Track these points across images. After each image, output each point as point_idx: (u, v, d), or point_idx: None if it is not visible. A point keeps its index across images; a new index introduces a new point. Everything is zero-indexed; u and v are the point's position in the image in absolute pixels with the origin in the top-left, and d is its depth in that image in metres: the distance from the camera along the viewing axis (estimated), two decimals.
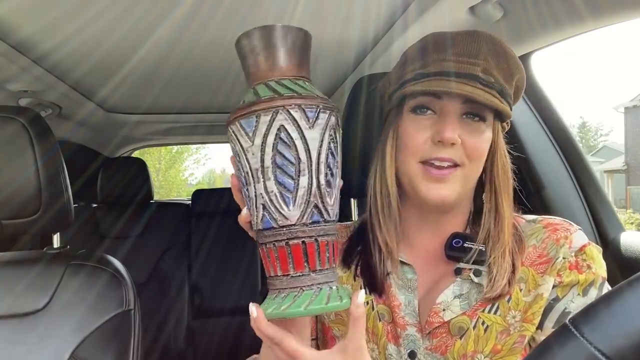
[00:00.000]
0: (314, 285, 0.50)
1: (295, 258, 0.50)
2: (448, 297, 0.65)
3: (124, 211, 2.23)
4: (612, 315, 0.34)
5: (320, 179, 0.50)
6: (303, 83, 0.52)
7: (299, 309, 0.48)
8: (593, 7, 0.82)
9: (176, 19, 1.05)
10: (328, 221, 0.51)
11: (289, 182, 0.49)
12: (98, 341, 0.89)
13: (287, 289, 0.50)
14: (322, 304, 0.48)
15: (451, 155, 0.63)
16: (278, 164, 0.49)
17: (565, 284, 0.63)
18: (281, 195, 0.49)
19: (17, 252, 1.01)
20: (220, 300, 2.25)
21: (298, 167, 0.49)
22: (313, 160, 0.49)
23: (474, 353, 0.63)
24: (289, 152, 0.49)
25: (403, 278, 0.69)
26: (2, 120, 0.90)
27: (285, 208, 0.50)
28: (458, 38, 0.65)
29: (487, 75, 0.63)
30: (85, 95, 1.70)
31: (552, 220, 0.68)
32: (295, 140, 0.49)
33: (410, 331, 0.66)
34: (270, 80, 0.51)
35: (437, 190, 0.64)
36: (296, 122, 0.49)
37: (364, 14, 1.09)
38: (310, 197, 0.49)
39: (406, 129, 0.66)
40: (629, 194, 15.25)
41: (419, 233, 0.72)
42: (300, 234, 0.50)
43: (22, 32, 1.09)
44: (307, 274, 0.50)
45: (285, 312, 0.48)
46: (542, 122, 1.19)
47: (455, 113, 0.64)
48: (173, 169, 17.47)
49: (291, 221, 0.50)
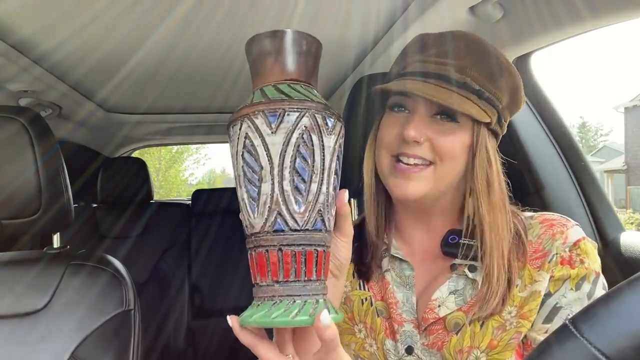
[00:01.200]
0: (275, 297, 0.48)
1: (259, 267, 0.49)
2: (443, 293, 0.66)
3: (124, 211, 2.23)
4: (612, 315, 0.34)
5: (284, 185, 0.47)
6: (298, 87, 0.51)
7: (266, 319, 0.46)
8: (593, 7, 0.82)
9: (176, 19, 1.05)
10: (295, 230, 0.48)
11: (253, 189, 0.48)
12: (98, 341, 0.89)
13: (262, 297, 0.49)
14: (287, 317, 0.46)
15: (417, 152, 0.63)
16: (245, 171, 0.49)
17: (557, 278, 0.62)
18: (249, 203, 0.49)
19: (17, 252, 1.01)
20: (220, 300, 2.25)
21: (260, 174, 0.48)
22: (275, 166, 0.47)
23: (470, 349, 0.63)
24: (252, 159, 0.48)
25: (401, 275, 0.70)
26: (2, 120, 0.90)
27: (252, 215, 0.49)
28: (438, 39, 0.65)
29: (461, 75, 0.62)
30: (85, 96, 1.70)
31: (549, 216, 0.68)
32: (257, 147, 0.47)
33: (407, 327, 0.67)
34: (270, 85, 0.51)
35: (403, 186, 0.64)
36: (258, 128, 0.47)
37: (364, 14, 1.09)
38: (272, 204, 0.47)
39: (383, 124, 0.69)
40: (629, 194, 15.25)
41: (413, 230, 0.73)
42: (262, 242, 0.48)
43: (22, 32, 1.09)
44: (271, 285, 0.48)
45: (250, 320, 0.47)
46: (542, 122, 1.19)
47: (424, 112, 0.64)
48: (173, 169, 17.47)
49: (256, 229, 0.48)
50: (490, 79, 0.64)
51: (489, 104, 0.64)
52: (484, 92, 0.63)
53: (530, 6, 0.91)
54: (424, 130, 0.63)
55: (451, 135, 0.64)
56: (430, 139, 0.63)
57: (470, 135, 0.64)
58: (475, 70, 0.63)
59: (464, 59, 0.63)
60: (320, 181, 0.49)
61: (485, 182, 0.64)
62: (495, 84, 0.64)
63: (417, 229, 0.72)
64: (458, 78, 0.62)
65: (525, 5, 0.91)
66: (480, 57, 0.64)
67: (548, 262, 0.63)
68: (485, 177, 0.64)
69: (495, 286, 0.62)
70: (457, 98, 0.61)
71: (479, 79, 0.63)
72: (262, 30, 0.51)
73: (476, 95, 0.63)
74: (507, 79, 0.65)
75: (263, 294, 0.48)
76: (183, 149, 17.29)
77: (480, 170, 0.64)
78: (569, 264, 0.63)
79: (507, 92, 0.66)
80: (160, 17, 1.04)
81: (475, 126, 0.64)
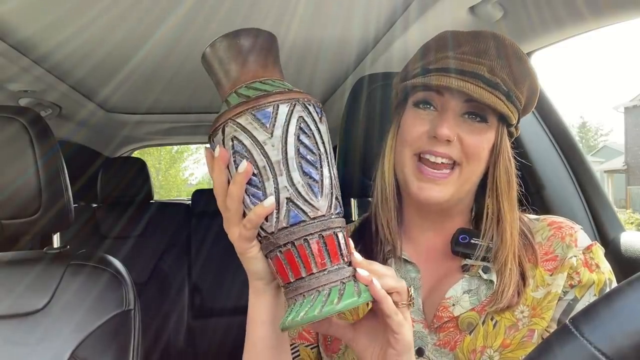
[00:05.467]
0: (312, 289, 0.47)
1: (290, 265, 0.48)
2: (457, 292, 0.65)
3: (124, 211, 2.23)
4: (613, 315, 0.34)
5: (294, 176, 0.47)
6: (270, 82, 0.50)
7: (311, 314, 0.45)
8: (593, 6, 0.82)
9: (177, 19, 1.05)
10: (315, 218, 0.48)
11: (258, 193, 0.48)
12: (98, 341, 0.89)
13: (297, 295, 0.47)
14: (332, 305, 0.45)
15: (446, 151, 0.63)
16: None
17: (583, 284, 0.63)
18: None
19: (17, 252, 1.01)
20: (220, 300, 2.25)
21: (262, 176, 0.47)
22: (282, 159, 0.47)
23: (483, 348, 0.63)
24: (246, 160, 0.47)
25: (406, 277, 0.69)
26: (2, 121, 0.90)
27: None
28: (466, 37, 0.65)
29: (492, 76, 0.63)
30: (85, 96, 1.70)
31: (555, 219, 0.69)
32: (251, 149, 0.47)
33: (416, 328, 0.66)
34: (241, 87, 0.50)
35: (428, 190, 0.64)
36: (247, 129, 0.47)
37: (364, 13, 1.09)
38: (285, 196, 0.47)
39: (406, 121, 0.67)
40: (629, 194, 15.25)
41: (421, 231, 0.72)
42: (289, 237, 0.48)
43: (23, 32, 1.09)
44: (302, 279, 0.47)
45: (298, 319, 0.45)
46: (542, 122, 1.19)
47: (455, 111, 0.64)
48: (173, 169, 17.49)
49: (273, 229, 0.48)
50: (516, 82, 0.64)
51: (514, 105, 0.65)
52: (511, 94, 0.64)
53: (530, 6, 0.91)
54: (455, 128, 0.63)
55: (480, 135, 0.64)
56: (460, 138, 0.63)
57: (494, 136, 0.65)
58: (505, 73, 0.63)
59: (495, 60, 0.63)
60: (328, 164, 0.49)
61: (507, 182, 0.65)
62: (519, 87, 0.65)
63: (426, 229, 0.71)
64: (490, 78, 0.63)
65: (526, 5, 0.91)
66: (510, 60, 0.64)
67: (563, 266, 0.64)
68: (507, 177, 0.66)
69: (508, 278, 0.62)
70: (494, 98, 0.62)
71: (507, 81, 0.64)
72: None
73: (505, 97, 0.64)
74: (529, 83, 0.66)
75: (297, 293, 0.47)
76: (183, 149, 17.31)
77: (503, 170, 0.65)
78: (587, 267, 0.64)
79: (527, 94, 0.67)
80: (161, 17, 1.04)
81: (500, 126, 0.65)
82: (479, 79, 0.62)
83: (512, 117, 0.64)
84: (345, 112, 1.01)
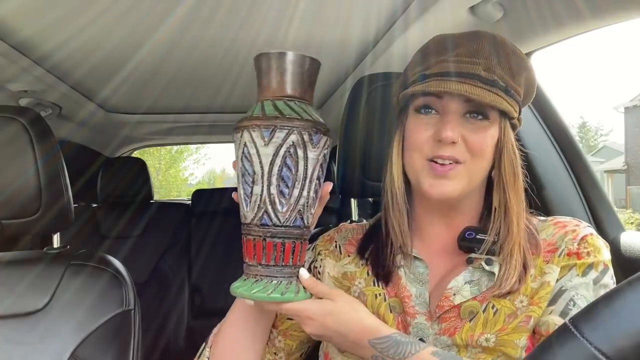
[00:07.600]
0: (258, 275, 0.61)
1: (247, 251, 0.62)
2: (459, 282, 0.67)
3: (124, 211, 2.23)
4: (613, 315, 0.34)
5: (272, 189, 0.59)
6: (295, 105, 0.60)
7: (248, 292, 0.60)
8: (593, 6, 0.82)
9: (177, 19, 1.05)
10: (278, 225, 0.59)
11: (247, 188, 0.60)
12: (98, 341, 0.89)
13: (248, 274, 0.62)
14: (264, 293, 0.59)
15: (452, 153, 0.65)
16: (242, 173, 0.60)
17: (563, 266, 0.65)
18: (244, 199, 0.60)
19: (18, 252, 1.01)
20: (220, 300, 2.24)
21: (253, 177, 0.59)
22: (265, 173, 0.58)
23: (481, 334, 0.65)
24: (248, 164, 0.59)
25: (415, 272, 0.71)
26: (2, 121, 0.90)
27: (245, 209, 0.61)
28: (460, 39, 0.67)
29: (489, 74, 0.64)
30: (85, 96, 1.70)
31: (562, 219, 0.71)
32: (252, 156, 0.59)
33: (419, 319, 0.68)
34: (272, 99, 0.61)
35: (440, 186, 0.66)
36: (253, 140, 0.58)
37: (364, 13, 1.09)
38: (261, 203, 0.59)
39: (410, 127, 0.69)
40: (629, 194, 15.25)
41: (430, 227, 0.74)
42: (252, 232, 0.61)
43: (23, 33, 1.09)
44: (255, 266, 0.61)
45: (237, 292, 0.61)
46: (543, 122, 1.19)
47: (456, 112, 0.65)
48: (173, 169, 17.47)
49: (247, 220, 0.61)
50: (512, 75, 0.66)
51: (513, 99, 0.67)
52: (509, 88, 0.66)
53: (530, 6, 0.91)
54: (458, 129, 0.65)
55: (483, 132, 0.66)
56: (464, 138, 0.65)
57: (497, 130, 0.67)
58: (500, 68, 0.65)
59: (490, 57, 0.65)
60: (301, 187, 0.59)
61: (512, 174, 0.67)
62: (516, 79, 0.67)
63: (436, 225, 0.73)
64: (487, 76, 0.64)
65: (526, 5, 0.91)
66: (503, 55, 0.66)
67: (558, 256, 0.66)
68: (512, 169, 0.68)
69: (513, 268, 0.65)
70: (493, 95, 0.64)
71: (504, 76, 0.65)
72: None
73: (504, 92, 0.65)
74: (525, 74, 0.68)
75: (249, 272, 0.62)
76: (183, 149, 17.27)
77: (508, 163, 0.67)
78: (576, 255, 0.65)
79: (524, 86, 0.69)
80: (161, 17, 1.04)
81: (502, 121, 0.67)
82: (476, 79, 0.64)
83: (512, 111, 0.66)
84: (345, 112, 1.01)
